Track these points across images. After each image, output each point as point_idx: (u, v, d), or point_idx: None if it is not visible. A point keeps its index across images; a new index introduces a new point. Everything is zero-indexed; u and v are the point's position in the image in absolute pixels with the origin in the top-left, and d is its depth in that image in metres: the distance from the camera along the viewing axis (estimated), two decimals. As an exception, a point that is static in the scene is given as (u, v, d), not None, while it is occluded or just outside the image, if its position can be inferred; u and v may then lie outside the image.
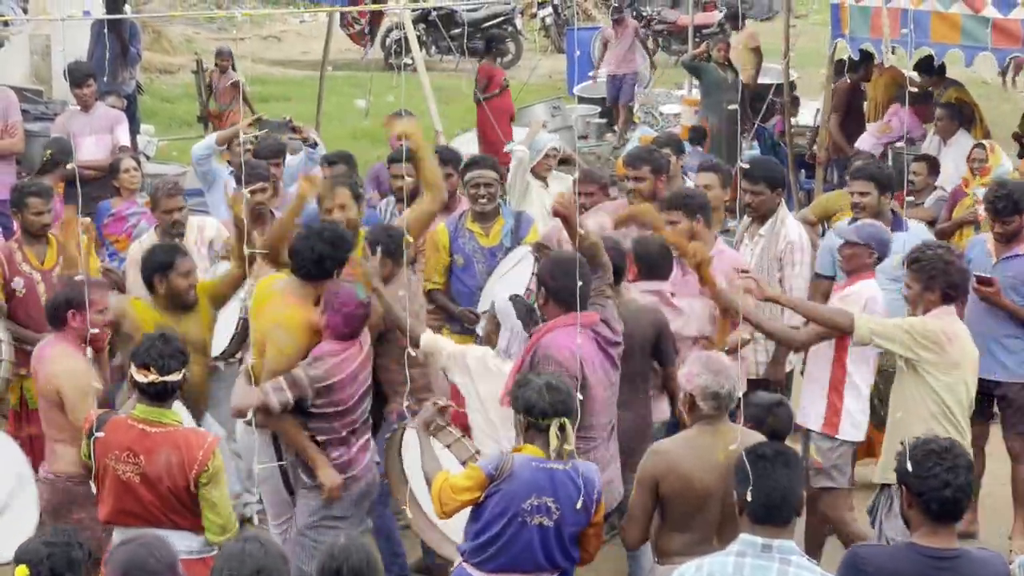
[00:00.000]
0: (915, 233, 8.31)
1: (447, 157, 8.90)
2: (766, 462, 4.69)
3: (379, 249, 7.01)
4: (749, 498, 4.65)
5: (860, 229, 7.36)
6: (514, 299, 6.85)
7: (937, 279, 6.65)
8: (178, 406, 6.17)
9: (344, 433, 6.58)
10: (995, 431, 8.26)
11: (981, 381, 7.88)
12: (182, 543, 5.78)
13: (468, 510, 5.61)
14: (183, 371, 5.92)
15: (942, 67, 12.99)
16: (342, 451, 6.58)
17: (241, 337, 7.69)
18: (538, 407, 5.50)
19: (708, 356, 5.87)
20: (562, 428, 5.48)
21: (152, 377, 5.82)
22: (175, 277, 7.03)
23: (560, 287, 6.22)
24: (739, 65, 14.91)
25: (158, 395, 5.88)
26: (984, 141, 10.98)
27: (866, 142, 12.94)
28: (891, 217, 8.30)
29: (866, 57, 12.93)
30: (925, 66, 12.90)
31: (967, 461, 4.72)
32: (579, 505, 5.49)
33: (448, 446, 6.10)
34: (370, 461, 6.71)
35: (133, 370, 5.88)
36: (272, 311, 6.64)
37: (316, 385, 6.42)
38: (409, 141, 7.32)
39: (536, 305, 6.60)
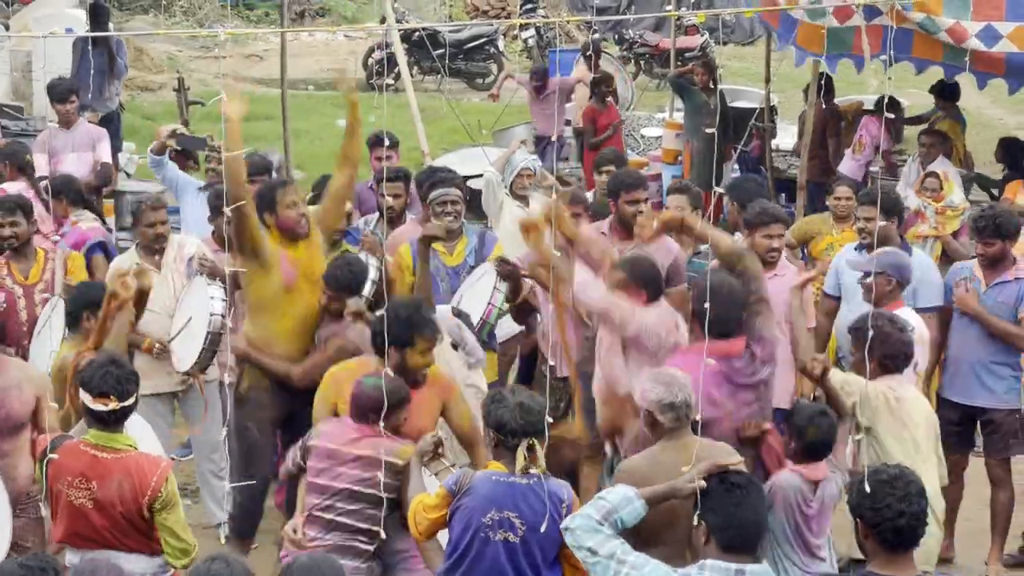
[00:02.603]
0: (918, 261, 8.20)
1: (403, 175, 8.97)
2: (739, 491, 4.68)
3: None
4: (720, 527, 4.65)
5: (876, 259, 7.41)
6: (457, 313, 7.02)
7: (875, 350, 6.49)
8: (136, 424, 6.14)
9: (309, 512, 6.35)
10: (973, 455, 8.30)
11: (967, 407, 7.94)
12: (137, 565, 5.77)
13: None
14: (137, 391, 5.89)
15: (957, 93, 13.13)
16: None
17: (210, 352, 7.68)
18: (509, 426, 5.49)
19: (658, 371, 5.90)
20: (531, 448, 5.47)
21: (113, 405, 5.76)
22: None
23: (706, 311, 6.02)
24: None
25: (117, 420, 5.83)
26: (938, 170, 11.19)
27: (847, 166, 13.02)
28: (899, 243, 8.33)
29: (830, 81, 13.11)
30: (940, 90, 13.09)
31: (918, 488, 4.74)
32: (543, 527, 5.41)
33: (436, 474, 6.09)
34: None
35: (88, 400, 5.78)
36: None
37: (307, 442, 6.39)
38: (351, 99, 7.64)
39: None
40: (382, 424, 6.20)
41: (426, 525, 5.64)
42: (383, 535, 6.26)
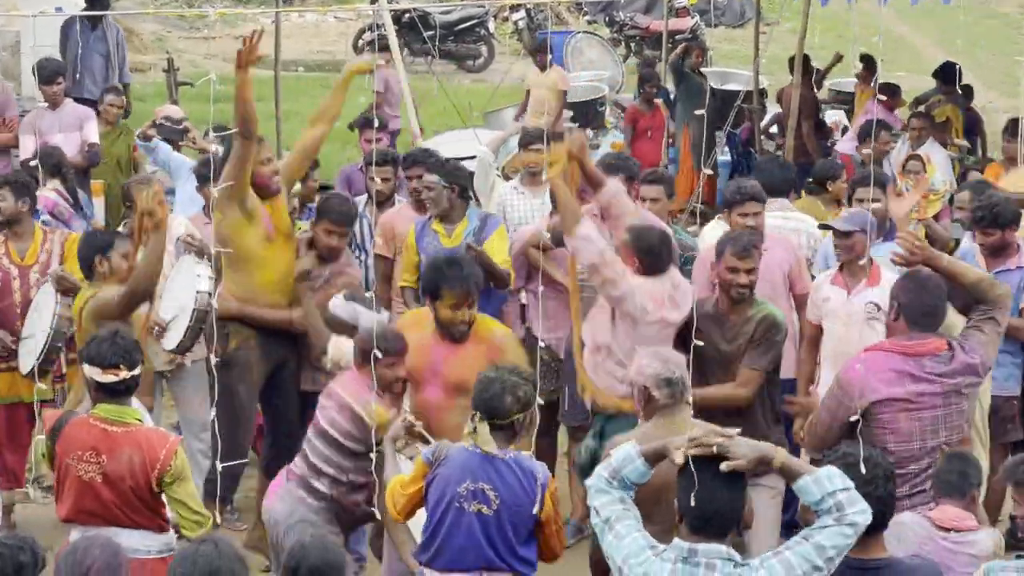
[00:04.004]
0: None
1: (420, 159, 8.95)
2: (707, 473, 4.56)
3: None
4: (685, 508, 4.58)
5: (851, 218, 7.49)
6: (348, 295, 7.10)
7: None
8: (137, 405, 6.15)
9: None
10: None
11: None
12: (143, 542, 5.81)
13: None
14: (142, 360, 5.95)
15: (959, 77, 13.15)
16: None
17: (196, 330, 7.68)
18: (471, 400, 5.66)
19: (654, 348, 5.94)
20: (485, 424, 5.55)
21: (124, 375, 5.82)
22: (116, 257, 7.18)
23: (909, 304, 6.02)
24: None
25: (127, 391, 5.88)
26: (920, 152, 11.20)
27: (845, 145, 13.01)
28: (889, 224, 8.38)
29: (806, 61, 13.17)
30: (943, 74, 13.10)
31: (885, 471, 4.76)
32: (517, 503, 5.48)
33: (411, 458, 6.13)
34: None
35: (96, 373, 5.82)
36: None
37: None
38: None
39: None
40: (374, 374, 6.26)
41: (403, 502, 5.68)
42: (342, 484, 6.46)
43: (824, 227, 7.92)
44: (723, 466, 4.48)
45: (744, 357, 6.77)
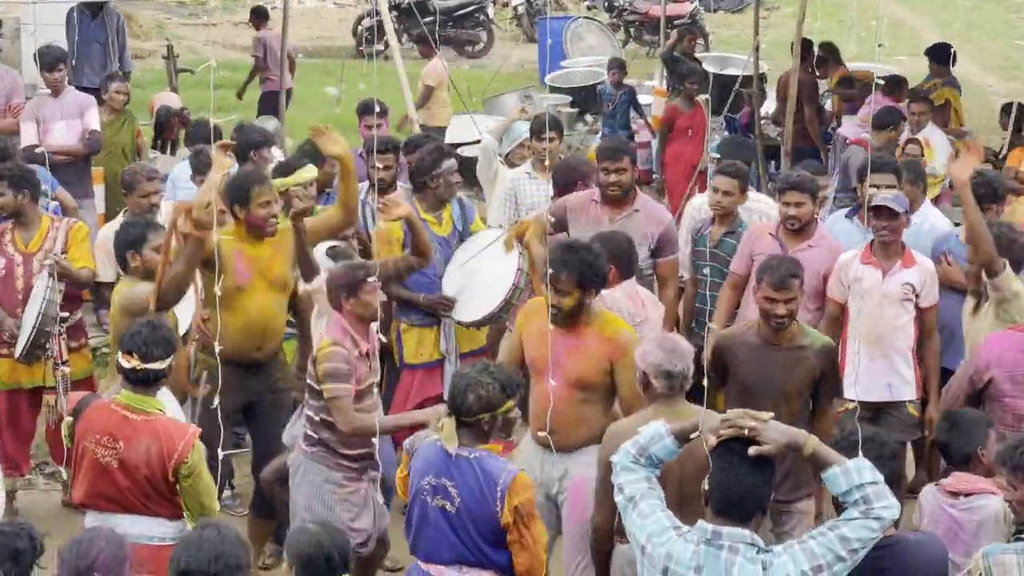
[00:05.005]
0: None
1: (421, 144, 8.97)
2: (733, 456, 4.57)
3: None
4: (711, 489, 4.59)
5: (897, 199, 7.59)
6: (331, 251, 7.16)
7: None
8: (162, 392, 6.15)
9: None
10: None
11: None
12: (157, 529, 5.84)
13: None
14: (168, 360, 5.90)
15: (952, 57, 13.18)
16: None
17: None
18: None
19: (663, 336, 5.94)
20: (452, 420, 5.52)
21: (135, 363, 5.82)
22: (148, 251, 7.23)
23: None
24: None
25: (141, 382, 5.87)
26: (919, 136, 11.21)
27: (849, 129, 13.00)
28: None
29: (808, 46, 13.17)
30: (934, 54, 13.11)
31: (890, 450, 4.82)
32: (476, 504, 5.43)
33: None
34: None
35: (119, 355, 5.89)
36: None
37: None
38: (339, 162, 7.47)
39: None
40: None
41: (401, 485, 5.78)
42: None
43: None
44: (751, 450, 4.49)
45: (823, 394, 6.63)
